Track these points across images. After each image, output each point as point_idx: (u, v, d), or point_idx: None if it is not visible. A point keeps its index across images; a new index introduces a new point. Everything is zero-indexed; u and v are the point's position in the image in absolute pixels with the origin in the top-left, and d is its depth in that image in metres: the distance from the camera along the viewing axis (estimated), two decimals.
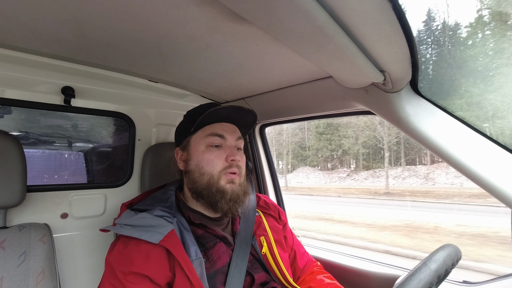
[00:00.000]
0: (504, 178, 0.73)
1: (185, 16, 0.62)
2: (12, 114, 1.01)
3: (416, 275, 0.48)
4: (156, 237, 0.64)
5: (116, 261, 0.64)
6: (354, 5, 0.50)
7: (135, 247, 0.64)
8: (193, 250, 0.68)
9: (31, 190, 0.97)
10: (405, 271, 1.02)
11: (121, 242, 0.67)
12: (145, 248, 0.64)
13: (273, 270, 0.80)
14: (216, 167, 0.75)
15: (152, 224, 0.68)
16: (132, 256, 0.63)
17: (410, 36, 0.62)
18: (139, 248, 0.64)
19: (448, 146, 0.80)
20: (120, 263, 0.63)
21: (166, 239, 0.65)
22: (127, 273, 0.61)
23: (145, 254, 0.63)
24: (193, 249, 0.68)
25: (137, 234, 0.65)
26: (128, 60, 0.91)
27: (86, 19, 0.65)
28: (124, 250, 0.65)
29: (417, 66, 0.77)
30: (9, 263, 0.75)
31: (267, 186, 1.52)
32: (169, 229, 0.67)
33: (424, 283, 0.47)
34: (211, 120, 0.79)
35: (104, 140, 1.27)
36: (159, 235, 0.65)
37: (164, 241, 0.64)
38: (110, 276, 0.63)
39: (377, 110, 0.93)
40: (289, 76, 1.01)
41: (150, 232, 0.65)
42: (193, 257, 0.66)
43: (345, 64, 0.73)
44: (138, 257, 0.63)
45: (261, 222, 0.88)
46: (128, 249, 0.64)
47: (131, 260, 0.63)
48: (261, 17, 0.54)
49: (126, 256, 0.64)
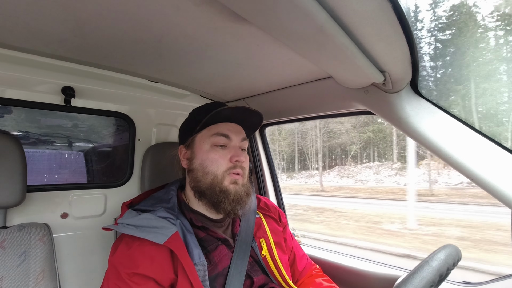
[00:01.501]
0: (504, 178, 0.73)
1: (185, 16, 0.62)
2: (12, 114, 1.02)
3: (419, 273, 0.49)
4: (160, 238, 0.64)
5: (120, 262, 0.64)
6: (354, 5, 0.50)
7: (139, 248, 0.64)
8: (197, 253, 0.67)
9: (31, 190, 0.97)
10: (405, 272, 1.02)
11: (124, 243, 0.66)
12: (149, 250, 0.64)
13: (273, 273, 0.79)
14: (220, 167, 0.75)
15: (155, 225, 0.67)
16: (136, 257, 0.63)
17: (410, 36, 0.62)
18: (143, 250, 0.64)
19: (448, 147, 0.80)
20: (124, 264, 0.63)
21: (170, 240, 0.64)
22: (132, 274, 0.61)
23: (150, 256, 0.63)
24: (196, 252, 0.67)
25: (141, 235, 0.64)
26: (128, 60, 0.91)
27: (86, 19, 0.65)
28: (128, 251, 0.64)
29: (417, 66, 0.77)
30: (9, 263, 0.75)
31: (267, 187, 1.52)
32: (173, 231, 0.67)
33: (426, 281, 0.47)
34: (217, 119, 0.78)
35: (104, 140, 1.27)
36: (163, 237, 0.64)
37: (169, 243, 0.64)
38: (114, 277, 0.63)
39: (377, 110, 0.93)
40: (289, 76, 1.01)
41: (154, 233, 0.65)
42: (196, 260, 0.66)
43: (345, 64, 0.73)
44: (142, 259, 0.63)
45: (261, 224, 0.87)
46: (132, 251, 0.64)
47: (136, 261, 0.62)
48: (261, 17, 0.54)
49: (130, 257, 0.63)
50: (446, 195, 12.26)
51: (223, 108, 0.74)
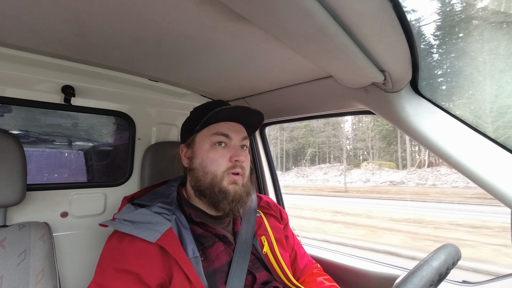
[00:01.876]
0: (504, 178, 0.73)
1: (186, 15, 0.62)
2: (12, 113, 1.02)
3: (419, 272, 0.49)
4: (153, 235, 0.64)
5: (109, 255, 0.65)
6: (354, 5, 0.50)
7: (129, 243, 0.64)
8: (191, 249, 0.67)
9: (31, 189, 0.97)
10: (405, 271, 1.02)
11: (116, 236, 0.67)
12: (140, 245, 0.64)
13: (275, 270, 0.80)
14: (220, 167, 0.75)
15: (150, 221, 0.68)
16: (126, 252, 0.63)
17: (411, 36, 0.62)
18: (133, 245, 0.64)
19: (448, 146, 0.80)
20: (113, 259, 0.63)
21: (163, 237, 0.64)
22: (118, 270, 0.61)
23: (139, 251, 0.63)
24: (190, 248, 0.68)
25: (134, 232, 0.64)
26: (128, 59, 0.91)
27: (86, 18, 0.65)
28: (118, 245, 0.65)
29: (417, 65, 0.77)
30: (9, 262, 0.75)
31: (267, 185, 1.53)
32: (167, 226, 0.67)
33: (426, 280, 0.48)
34: (217, 118, 0.78)
35: (104, 139, 1.27)
36: (156, 233, 0.64)
37: (161, 240, 0.64)
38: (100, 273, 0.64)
39: (377, 110, 0.93)
40: (289, 76, 1.01)
41: (148, 230, 0.65)
42: (190, 255, 0.66)
43: (345, 64, 0.73)
44: (131, 253, 0.63)
45: (262, 223, 0.88)
46: (122, 245, 0.64)
47: (124, 256, 0.63)
48: (262, 16, 0.54)
49: (120, 251, 0.64)
50: (357, 191, 15.34)
51: (222, 108, 0.74)
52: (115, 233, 0.69)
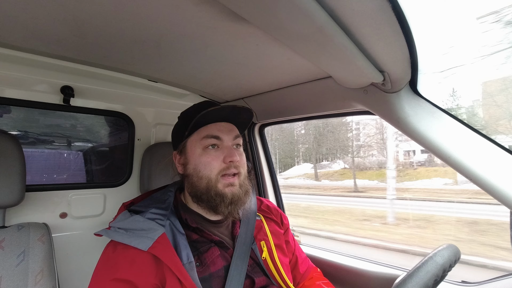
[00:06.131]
0: (503, 179, 0.73)
1: (185, 15, 0.62)
2: (11, 114, 1.01)
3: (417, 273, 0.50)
4: (145, 243, 0.64)
5: (103, 265, 0.65)
6: (353, 5, 0.50)
7: (122, 251, 0.64)
8: (185, 254, 0.67)
9: (30, 190, 0.97)
10: (404, 271, 1.02)
11: (111, 245, 0.67)
12: (133, 253, 0.63)
13: (273, 275, 0.79)
14: (213, 170, 0.74)
15: (143, 227, 0.67)
16: (118, 260, 0.63)
17: (410, 36, 0.62)
18: (126, 253, 0.64)
19: (447, 147, 0.80)
20: (107, 268, 0.63)
21: (155, 244, 0.64)
22: (112, 279, 0.61)
23: (131, 259, 0.63)
24: (185, 253, 0.67)
25: (127, 240, 0.64)
26: (128, 60, 0.91)
27: (85, 19, 0.65)
28: (112, 254, 0.65)
29: (417, 66, 0.77)
30: (8, 263, 0.75)
31: (266, 187, 1.52)
32: (160, 233, 0.66)
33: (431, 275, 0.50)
34: (205, 121, 0.77)
35: (103, 139, 1.27)
36: (149, 241, 0.64)
37: (153, 248, 0.63)
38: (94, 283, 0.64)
39: (376, 110, 0.93)
40: (288, 76, 1.01)
41: (141, 237, 0.65)
42: (184, 261, 0.66)
43: (344, 64, 0.73)
44: (124, 261, 0.63)
45: (262, 227, 0.87)
46: (115, 253, 0.65)
47: (117, 264, 0.63)
48: (261, 17, 0.54)
49: (113, 260, 0.64)
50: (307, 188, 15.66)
51: (207, 110, 0.72)
52: (111, 241, 0.69)
